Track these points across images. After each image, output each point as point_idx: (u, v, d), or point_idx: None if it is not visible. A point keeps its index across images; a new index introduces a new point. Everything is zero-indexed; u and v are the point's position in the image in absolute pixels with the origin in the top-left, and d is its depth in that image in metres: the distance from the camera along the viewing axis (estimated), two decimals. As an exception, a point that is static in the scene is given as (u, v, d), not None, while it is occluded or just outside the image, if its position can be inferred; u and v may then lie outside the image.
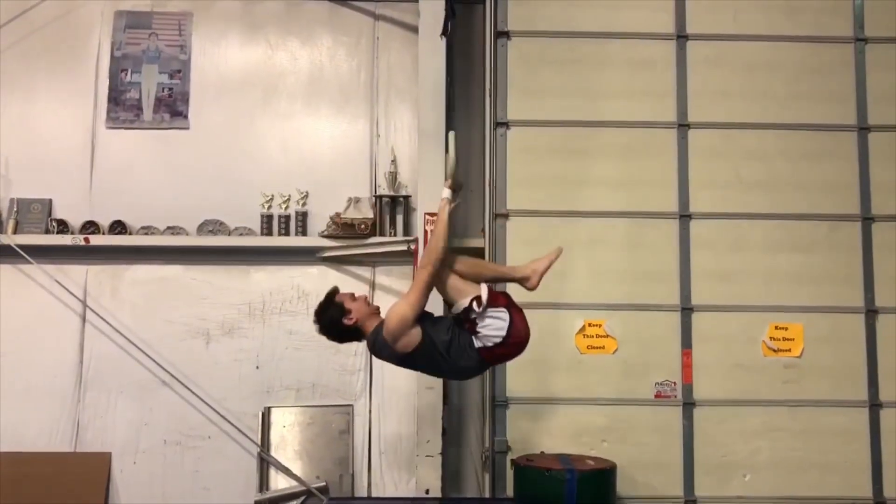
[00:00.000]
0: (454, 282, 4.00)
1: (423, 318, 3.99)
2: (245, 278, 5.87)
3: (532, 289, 4.27)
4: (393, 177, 5.86)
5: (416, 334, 3.92)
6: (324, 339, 5.71)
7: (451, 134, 4.27)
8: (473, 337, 3.95)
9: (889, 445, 5.54)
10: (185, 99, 5.99)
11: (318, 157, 5.96)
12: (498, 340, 3.93)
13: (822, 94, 5.80)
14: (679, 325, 5.61)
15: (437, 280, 3.97)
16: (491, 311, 3.92)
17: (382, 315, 4.05)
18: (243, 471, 5.66)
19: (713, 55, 5.82)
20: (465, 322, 3.96)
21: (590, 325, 5.62)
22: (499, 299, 4.00)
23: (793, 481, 5.51)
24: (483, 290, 3.94)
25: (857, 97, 5.79)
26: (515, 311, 4.01)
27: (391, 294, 5.79)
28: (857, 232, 5.70)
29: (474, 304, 3.91)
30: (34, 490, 5.44)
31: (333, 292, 4.14)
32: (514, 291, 4.54)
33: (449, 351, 3.95)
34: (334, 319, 4.05)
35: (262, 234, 5.81)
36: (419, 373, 4.68)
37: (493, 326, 3.92)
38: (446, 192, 4.08)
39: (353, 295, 4.13)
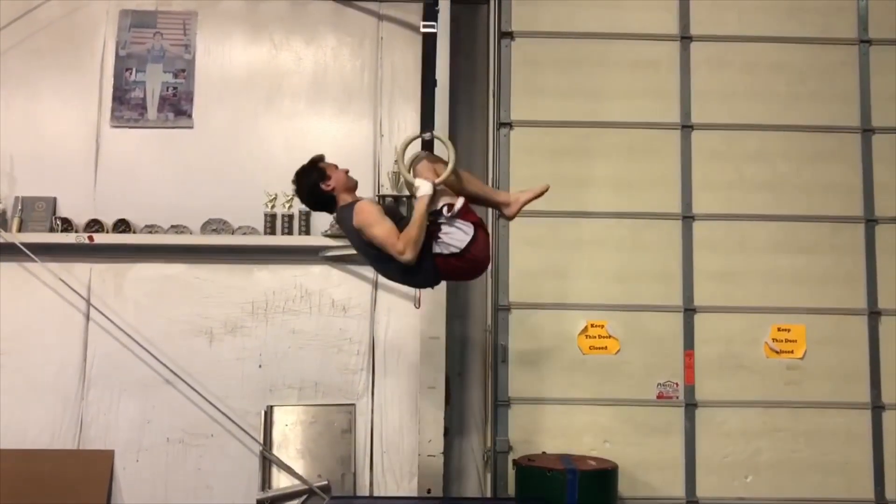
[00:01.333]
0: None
1: (392, 213, 4.04)
2: (248, 277, 5.88)
3: (510, 217, 4.30)
4: (396, 177, 5.86)
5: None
6: (327, 338, 5.79)
7: (443, 134, 4.20)
8: (434, 241, 3.91)
9: (891, 447, 5.54)
10: (190, 98, 6.00)
11: (321, 156, 5.96)
12: (455, 251, 3.90)
13: (825, 95, 5.81)
14: (681, 325, 5.62)
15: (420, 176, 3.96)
16: (458, 222, 3.90)
17: (359, 202, 4.05)
18: (245, 469, 5.66)
19: (717, 56, 5.83)
20: (430, 225, 3.93)
21: (592, 325, 5.63)
22: (470, 215, 3.97)
23: (795, 482, 5.51)
24: (458, 201, 3.93)
25: (861, 99, 5.79)
26: (482, 231, 3.99)
27: (394, 294, 5.80)
28: (860, 234, 5.70)
29: (445, 209, 3.90)
30: (37, 487, 5.45)
31: (319, 158, 4.19)
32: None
33: None
34: (313, 182, 4.10)
35: (265, 233, 5.81)
36: (369, 263, 4.44)
37: (455, 236, 3.89)
38: (427, 188, 3.93)
39: (336, 165, 4.18)
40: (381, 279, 5.82)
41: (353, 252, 5.69)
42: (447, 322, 5.50)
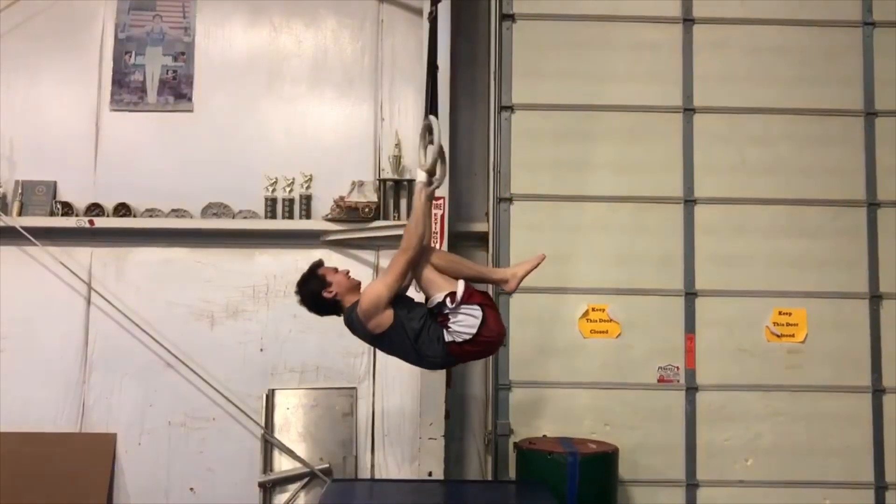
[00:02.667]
0: (431, 275, 4.01)
1: (400, 302, 4.00)
2: (249, 261, 5.88)
3: (510, 291, 4.35)
4: (397, 160, 5.84)
5: (388, 316, 3.93)
6: (328, 321, 5.77)
7: (433, 119, 4.17)
8: (445, 330, 3.94)
9: (891, 431, 5.55)
10: (189, 81, 5.97)
11: (322, 140, 5.95)
12: (468, 337, 3.91)
13: (828, 78, 5.77)
14: (682, 309, 5.61)
15: (414, 270, 3.99)
16: (464, 308, 3.91)
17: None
18: (247, 452, 5.69)
19: (719, 39, 5.79)
20: (438, 316, 3.97)
21: (593, 309, 5.62)
22: (474, 296, 3.98)
23: (795, 466, 5.53)
24: (459, 287, 3.93)
25: (865, 82, 5.76)
26: (490, 310, 3.98)
27: (418, 287, 5.79)
28: (862, 217, 5.69)
29: (448, 299, 3.91)
30: (40, 470, 5.48)
31: (317, 265, 4.18)
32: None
33: (417, 339, 3.95)
34: (314, 291, 4.09)
35: (266, 217, 5.81)
36: (386, 353, 4.56)
37: (465, 323, 3.90)
38: (422, 177, 4.08)
39: (335, 269, 4.17)
40: (383, 263, 5.85)
41: (354, 236, 5.75)
42: (448, 306, 5.49)
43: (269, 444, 5.67)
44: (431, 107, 4.27)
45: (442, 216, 5.48)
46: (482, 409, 5.74)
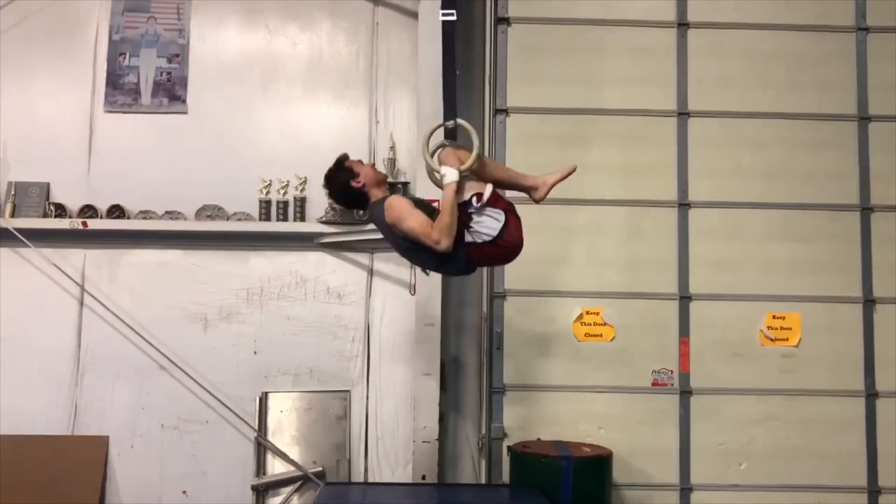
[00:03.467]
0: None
1: (421, 206, 4.02)
2: (243, 264, 5.86)
3: (539, 199, 4.30)
4: (392, 163, 5.84)
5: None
6: (322, 324, 5.79)
7: (462, 122, 4.14)
8: (466, 231, 3.91)
9: (885, 435, 5.56)
10: (184, 83, 5.96)
11: (316, 142, 5.93)
12: (488, 239, 3.90)
13: (822, 83, 5.79)
14: (677, 313, 5.62)
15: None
16: (488, 210, 3.91)
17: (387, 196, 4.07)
18: (240, 455, 5.67)
19: (714, 43, 5.81)
20: (461, 215, 3.92)
21: (587, 312, 5.63)
22: (499, 202, 3.97)
23: (789, 470, 5.54)
24: (487, 189, 3.93)
25: (858, 86, 5.78)
26: (513, 216, 3.99)
27: (389, 281, 5.79)
28: (856, 222, 5.71)
29: (474, 199, 3.90)
30: (32, 473, 5.45)
31: (344, 157, 4.19)
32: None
33: None
34: (343, 182, 4.11)
35: (260, 219, 5.79)
36: (402, 253, 4.40)
37: (487, 224, 3.90)
38: (454, 175, 3.90)
39: (361, 161, 4.20)
40: (377, 266, 5.84)
41: (349, 239, 5.74)
42: (442, 309, 5.48)
43: (262, 448, 5.65)
44: (451, 110, 4.25)
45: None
46: (476, 413, 5.72)
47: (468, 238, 3.92)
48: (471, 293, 5.78)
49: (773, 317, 5.64)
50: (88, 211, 5.72)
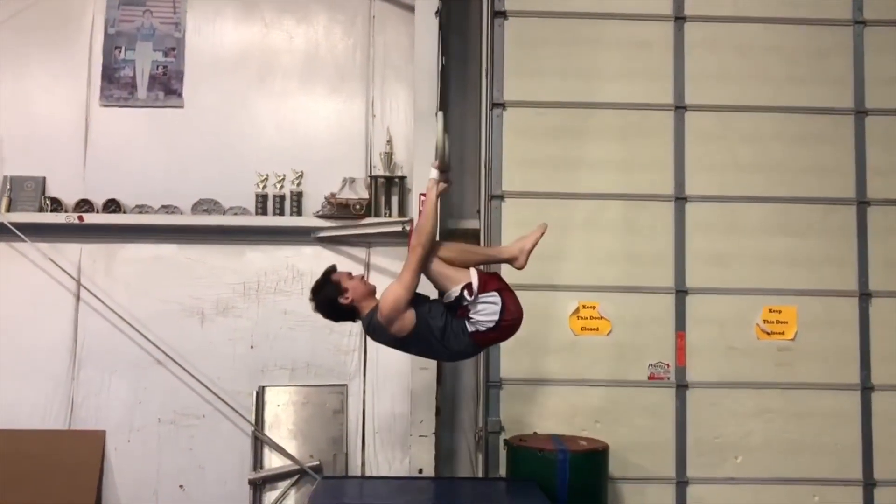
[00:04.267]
0: (442, 269, 4.00)
1: (417, 301, 3.99)
2: (240, 258, 5.86)
3: (520, 268, 4.29)
4: (388, 157, 5.83)
5: (410, 317, 3.93)
6: (319, 318, 5.75)
7: (440, 114, 4.25)
8: (466, 322, 3.95)
9: (880, 428, 5.57)
10: (180, 77, 5.95)
11: (313, 136, 5.93)
12: (491, 325, 3.95)
13: (819, 76, 5.78)
14: (673, 307, 5.62)
15: (424, 266, 3.98)
16: (482, 297, 3.94)
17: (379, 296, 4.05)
18: (237, 450, 5.67)
19: (711, 37, 5.79)
20: (457, 308, 3.96)
21: (584, 306, 5.63)
22: (489, 284, 3.99)
23: (785, 463, 5.54)
24: (473, 276, 3.94)
25: (855, 80, 5.78)
26: (507, 293, 4.02)
27: (386, 275, 5.78)
28: (852, 215, 5.70)
29: (465, 292, 3.91)
30: (29, 468, 5.45)
31: (330, 270, 4.16)
32: (506, 272, 4.53)
33: (444, 336, 3.98)
34: (330, 298, 4.06)
35: (256, 213, 5.79)
36: (414, 355, 4.67)
37: (486, 311, 3.94)
38: (434, 173, 4.07)
39: (349, 274, 4.14)
40: (374, 260, 5.86)
41: (346, 233, 5.74)
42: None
43: (259, 442, 5.66)
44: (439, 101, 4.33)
45: (434, 213, 5.47)
46: (473, 407, 5.74)
47: (471, 328, 3.96)
48: (467, 287, 5.77)
49: (770, 310, 5.65)
50: (84, 205, 5.72)
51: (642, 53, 5.77)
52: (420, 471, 5.34)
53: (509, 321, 3.99)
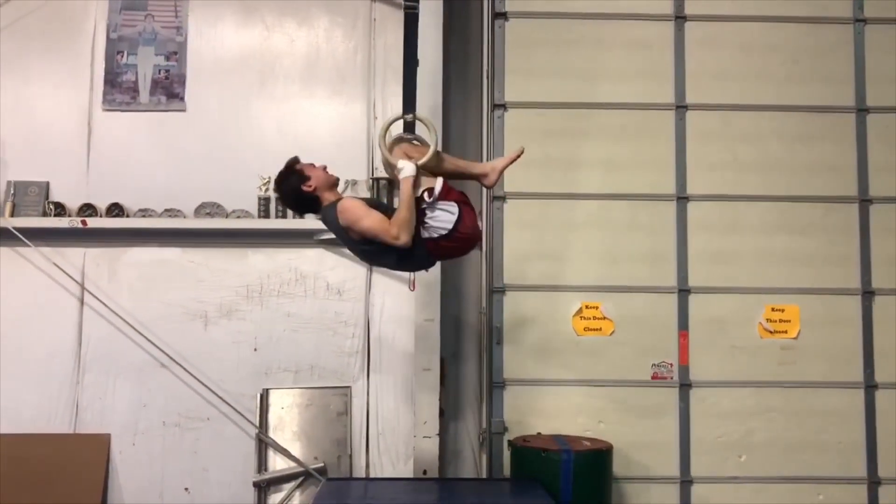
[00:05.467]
0: None
1: (376, 207, 4.01)
2: (243, 261, 5.87)
3: (490, 185, 4.31)
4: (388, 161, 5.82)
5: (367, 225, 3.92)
6: (322, 320, 5.79)
7: (431, 115, 4.22)
8: (421, 227, 3.93)
9: (884, 426, 5.57)
10: (182, 81, 5.96)
11: (314, 139, 5.93)
12: (444, 232, 3.92)
13: (820, 75, 5.79)
14: (676, 306, 5.63)
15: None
16: (441, 204, 3.92)
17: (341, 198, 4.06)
18: (242, 452, 5.68)
19: (711, 36, 5.81)
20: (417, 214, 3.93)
21: (587, 307, 5.64)
22: (451, 193, 3.98)
23: (788, 462, 5.55)
24: (437, 183, 3.93)
25: (856, 78, 5.78)
26: (466, 207, 4.00)
27: (388, 277, 5.79)
28: (854, 214, 5.71)
29: (425, 194, 3.91)
30: (34, 471, 5.47)
31: (294, 160, 4.16)
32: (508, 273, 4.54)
33: None
34: (294, 186, 4.07)
35: (259, 216, 5.80)
36: (362, 258, 4.53)
37: (441, 218, 3.91)
38: (410, 168, 3.92)
39: (312, 164, 4.15)
40: (376, 262, 5.82)
41: (348, 235, 5.72)
42: (441, 304, 5.49)
43: (263, 444, 5.67)
44: (410, 103, 4.25)
45: (435, 215, 5.48)
46: (476, 407, 5.74)
47: (424, 234, 3.94)
48: (469, 288, 5.80)
49: (772, 309, 5.65)
50: (88, 209, 5.73)
51: (643, 53, 5.78)
52: (424, 472, 5.35)
53: (464, 234, 3.95)
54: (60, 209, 5.73)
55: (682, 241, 5.66)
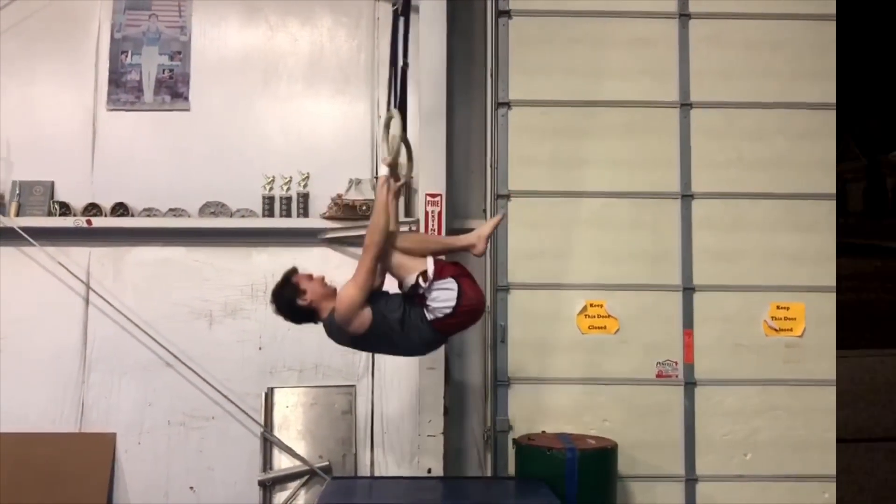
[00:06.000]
0: (400, 260, 4.03)
1: (374, 298, 4.00)
2: (247, 260, 5.88)
3: (479, 254, 4.31)
4: (392, 159, 5.83)
5: (367, 315, 3.94)
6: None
7: (394, 111, 4.31)
8: (424, 310, 3.95)
9: (890, 424, 5.56)
10: (186, 80, 5.97)
11: (318, 138, 5.95)
12: (448, 311, 3.94)
13: (825, 72, 5.76)
14: (681, 304, 5.61)
15: (384, 261, 4.00)
16: (438, 284, 3.94)
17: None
18: (247, 451, 5.69)
19: (715, 34, 5.78)
20: (415, 297, 3.97)
21: (591, 305, 5.63)
22: (445, 270, 4.00)
23: (793, 460, 5.53)
24: (429, 263, 3.95)
25: (860, 76, 5.76)
26: (465, 279, 4.01)
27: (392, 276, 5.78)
28: (859, 211, 5.69)
29: (420, 279, 3.92)
30: (39, 471, 5.48)
31: (291, 273, 4.17)
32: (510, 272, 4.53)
33: (403, 326, 3.98)
34: (289, 300, 4.07)
35: (263, 215, 5.80)
36: (378, 353, 4.63)
37: (442, 298, 3.93)
38: (384, 170, 4.10)
39: (310, 276, 4.15)
40: (380, 261, 5.82)
41: (352, 234, 5.74)
42: (446, 303, 5.49)
43: (268, 443, 5.68)
44: (398, 101, 4.30)
45: (440, 213, 5.49)
46: (481, 406, 5.74)
47: (429, 316, 3.95)
48: (474, 287, 5.78)
49: (777, 307, 5.64)
50: (93, 209, 5.74)
51: (647, 51, 5.76)
52: (429, 470, 5.35)
53: (467, 307, 3.97)
54: (65, 209, 5.74)
55: (686, 239, 5.65)
